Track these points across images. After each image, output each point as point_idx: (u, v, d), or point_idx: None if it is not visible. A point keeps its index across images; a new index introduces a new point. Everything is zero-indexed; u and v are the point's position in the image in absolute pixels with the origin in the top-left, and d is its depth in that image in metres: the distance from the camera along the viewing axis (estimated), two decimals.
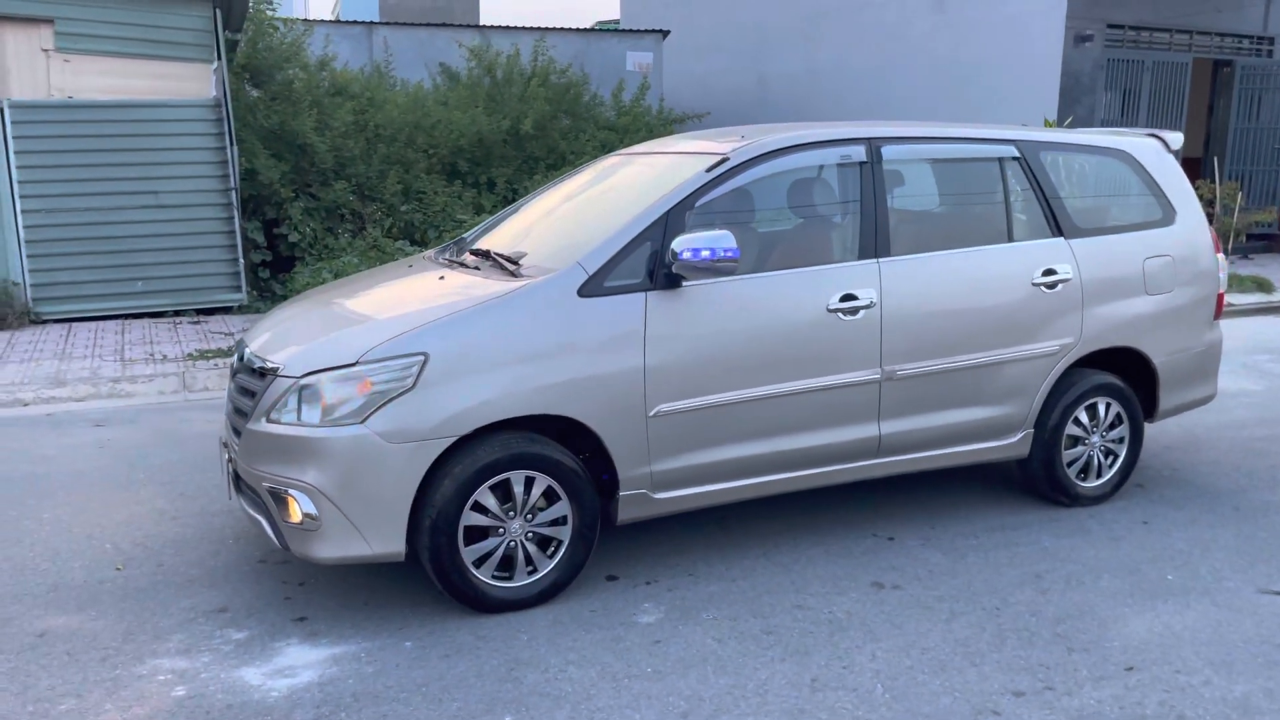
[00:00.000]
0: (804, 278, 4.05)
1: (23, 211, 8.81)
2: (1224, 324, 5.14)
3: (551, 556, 3.70)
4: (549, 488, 3.64)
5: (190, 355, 7.58)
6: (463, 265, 4.25)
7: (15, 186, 8.77)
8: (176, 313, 9.34)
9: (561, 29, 15.92)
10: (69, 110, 8.91)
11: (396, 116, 11.41)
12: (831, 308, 4.02)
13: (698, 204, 3.90)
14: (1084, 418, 4.63)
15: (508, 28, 15.61)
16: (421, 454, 3.43)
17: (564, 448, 3.69)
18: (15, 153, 8.75)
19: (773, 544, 4.27)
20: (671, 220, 3.81)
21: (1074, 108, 12.91)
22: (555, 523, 3.68)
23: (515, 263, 3.99)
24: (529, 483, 3.61)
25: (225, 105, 9.27)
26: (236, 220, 9.45)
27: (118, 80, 9.08)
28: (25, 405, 6.56)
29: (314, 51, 12.13)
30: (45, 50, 8.86)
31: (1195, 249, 4.85)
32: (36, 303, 8.92)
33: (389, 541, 3.46)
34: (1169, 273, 4.74)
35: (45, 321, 8.94)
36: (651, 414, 3.73)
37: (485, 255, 4.23)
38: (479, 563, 3.59)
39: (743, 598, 3.78)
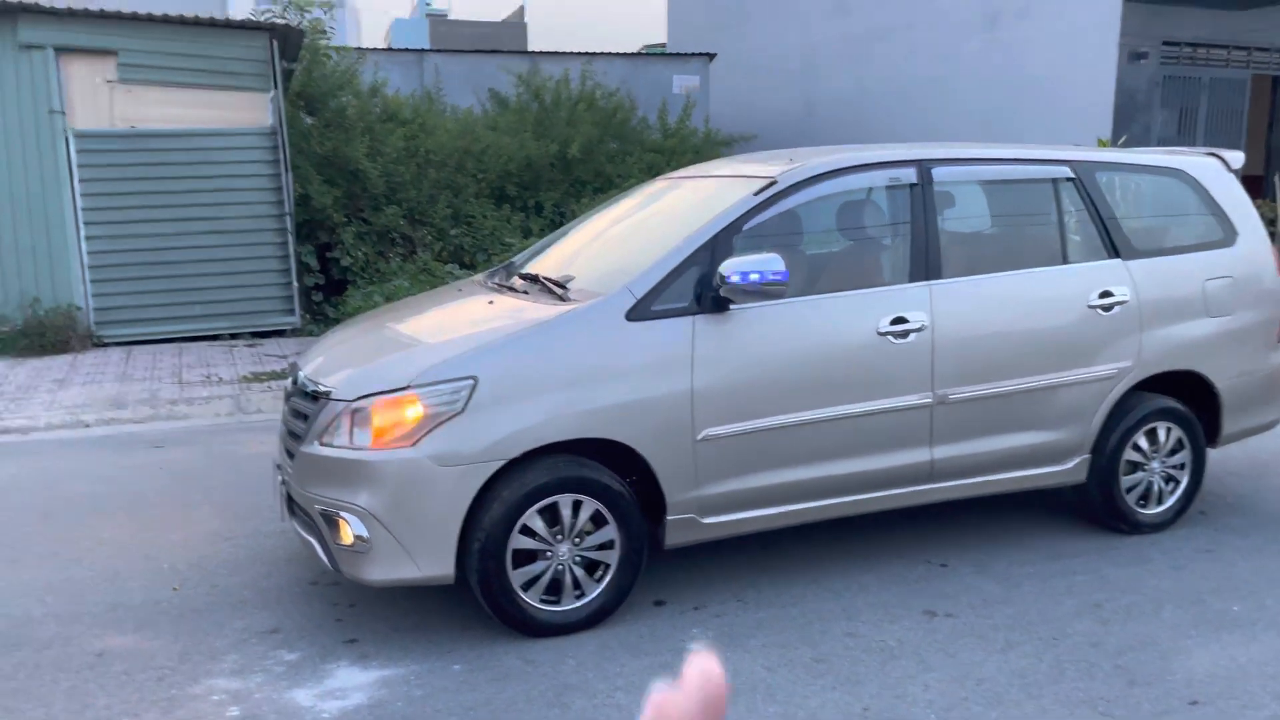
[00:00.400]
0: (854, 301, 4.01)
1: (86, 238, 9.06)
2: None
3: (599, 580, 3.69)
4: (596, 511, 3.63)
5: (245, 378, 7.72)
6: (511, 289, 4.28)
7: (80, 214, 9.04)
8: (232, 335, 9.52)
9: (608, 54, 16.06)
10: (131, 139, 9.16)
11: (446, 142, 11.58)
12: (882, 331, 3.98)
13: (746, 227, 3.89)
14: (1143, 443, 4.52)
15: (555, 53, 15.79)
16: (471, 477, 3.45)
17: (611, 471, 3.68)
18: (80, 180, 9.01)
19: (823, 570, 4.22)
20: (719, 244, 3.81)
21: (1129, 126, 12.70)
22: (603, 547, 3.67)
23: (563, 286, 4.01)
24: (576, 506, 3.61)
25: (281, 133, 9.47)
26: (291, 245, 9.63)
27: (178, 110, 9.32)
28: (87, 427, 6.72)
29: (366, 79, 12.36)
30: (109, 81, 9.14)
31: (1258, 269, 4.73)
32: (99, 326, 9.16)
33: (438, 564, 3.48)
34: (1231, 294, 4.63)
35: (106, 344, 9.17)
36: (699, 438, 3.71)
37: (534, 279, 4.26)
38: (527, 586, 3.59)
39: (792, 624, 3.74)
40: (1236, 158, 4.92)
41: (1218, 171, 4.83)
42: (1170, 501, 4.62)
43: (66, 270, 9.06)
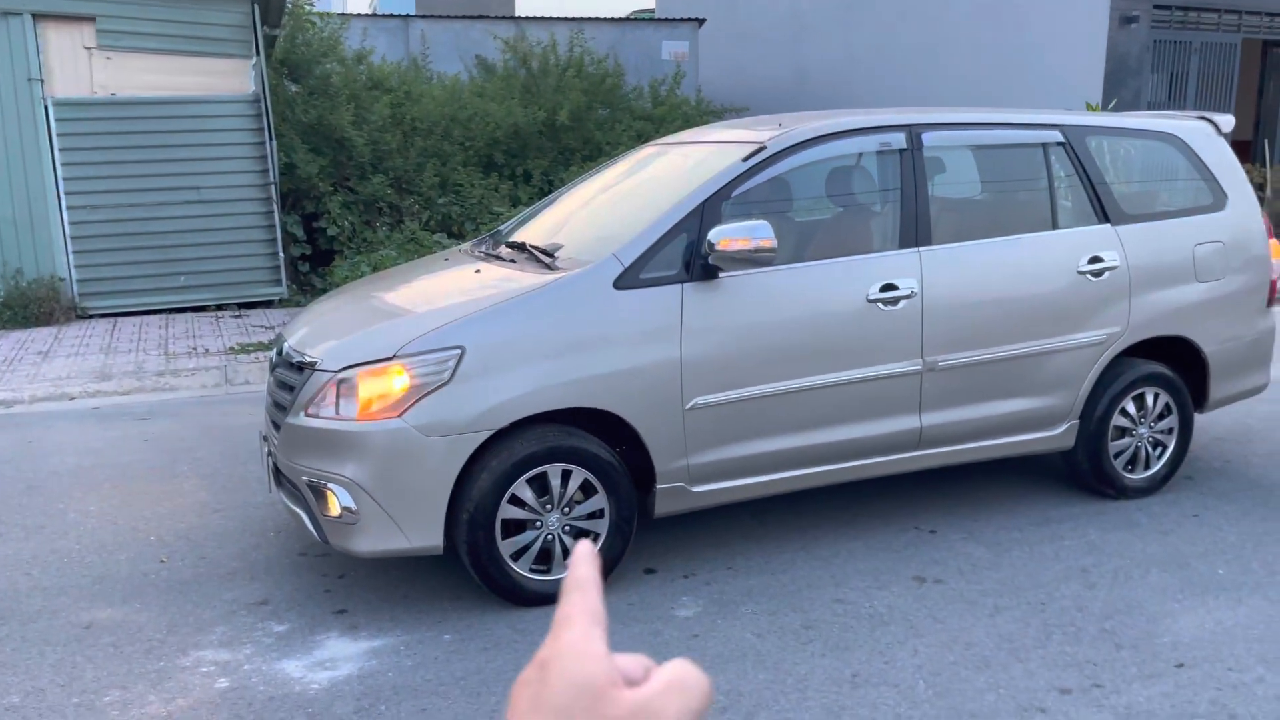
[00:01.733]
0: (843, 268, 3.99)
1: (68, 208, 8.95)
2: (1277, 311, 5.00)
3: None
4: (585, 481, 3.62)
5: (232, 349, 7.67)
6: (499, 258, 4.24)
7: (60, 183, 8.92)
8: (219, 307, 9.45)
9: (597, 19, 15.88)
10: (111, 107, 9.03)
11: (433, 109, 11.45)
12: (871, 298, 3.96)
13: (735, 194, 3.86)
14: (1131, 408, 4.53)
15: (543, 19, 15.60)
16: (459, 448, 3.43)
17: (600, 441, 3.67)
18: (60, 150, 8.89)
19: (812, 537, 4.22)
20: (708, 211, 3.77)
21: (1120, 90, 12.64)
22: (592, 516, 3.66)
23: (551, 255, 3.97)
24: (566, 476, 3.59)
25: (264, 100, 9.35)
26: (276, 214, 9.54)
27: (158, 77, 9.18)
28: (72, 399, 6.67)
29: (351, 45, 12.20)
30: (88, 48, 8.99)
31: (1248, 234, 4.72)
32: (82, 298, 9.07)
33: (427, 535, 3.47)
34: (1220, 259, 4.62)
35: (91, 316, 9.09)
36: (688, 406, 3.70)
37: (521, 248, 4.22)
38: (516, 556, 3.59)
39: (782, 592, 3.74)
40: (1227, 121, 4.89)
41: (1208, 135, 4.81)
42: (1157, 466, 4.64)
43: (49, 241, 8.95)
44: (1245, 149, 14.11)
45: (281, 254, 9.60)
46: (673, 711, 0.51)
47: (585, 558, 0.58)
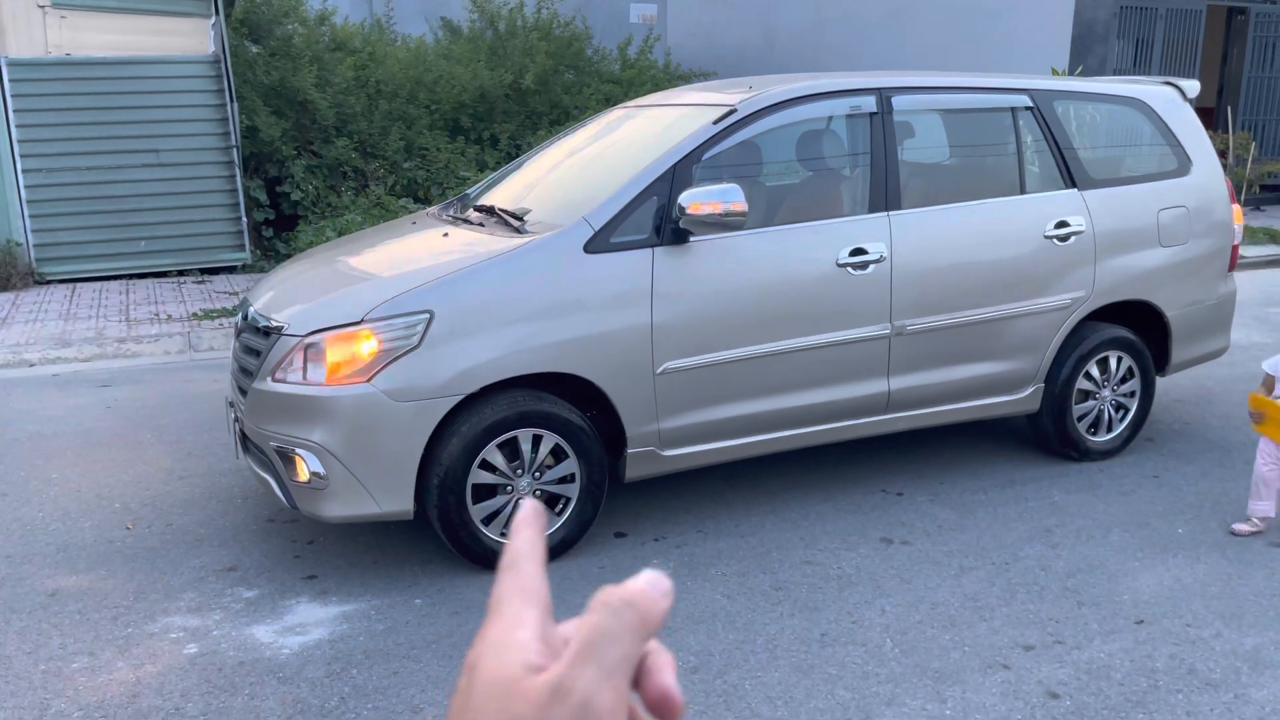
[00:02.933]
0: (813, 232, 3.99)
1: (24, 171, 8.73)
2: (1236, 276, 5.07)
3: (560, 514, 3.69)
4: (556, 445, 3.62)
5: (195, 315, 7.56)
6: (467, 222, 4.20)
7: (15, 146, 8.69)
8: (180, 272, 9.29)
9: None
10: (67, 67, 8.79)
11: (398, 72, 11.26)
12: (841, 262, 3.97)
13: (705, 157, 3.84)
14: (1095, 372, 4.59)
15: None
16: (428, 412, 3.41)
17: (571, 405, 3.66)
18: (14, 111, 8.65)
19: (781, 500, 4.26)
20: (678, 174, 3.75)
21: (1086, 57, 12.70)
22: (563, 480, 3.67)
23: (520, 219, 3.94)
24: (536, 441, 3.59)
25: (224, 61, 9.14)
26: (238, 178, 9.37)
27: (115, 36, 8.95)
28: (31, 366, 6.55)
29: (313, 6, 11.94)
30: (41, 6, 8.73)
31: (1211, 200, 4.78)
32: (40, 263, 8.88)
33: (397, 500, 3.46)
34: (1184, 224, 4.67)
35: (49, 282, 8.90)
36: (659, 371, 3.70)
37: (490, 211, 4.18)
38: (487, 520, 3.58)
39: (751, 554, 3.78)
40: (1193, 87, 4.93)
41: (1174, 101, 4.84)
42: (1119, 429, 4.71)
43: (4, 205, 8.74)
44: (1209, 115, 14.25)
45: (244, 219, 9.45)
46: (590, 681, 0.43)
47: (525, 523, 0.51)
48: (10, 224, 8.76)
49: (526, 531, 0.50)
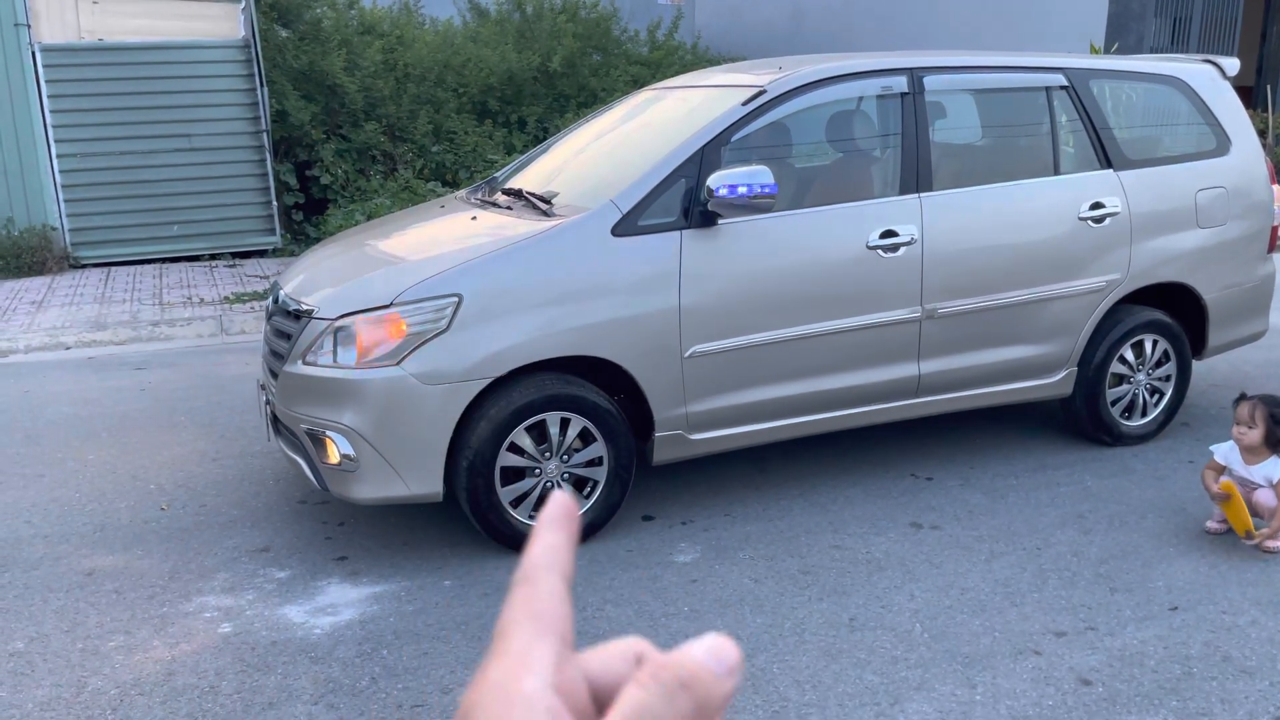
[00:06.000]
0: (843, 214, 3.96)
1: (58, 156, 8.83)
2: (1277, 258, 4.98)
3: (588, 497, 3.70)
4: (584, 429, 3.62)
5: (227, 298, 7.63)
6: (495, 205, 4.20)
7: (50, 131, 8.79)
8: (212, 256, 9.38)
9: None
10: (100, 53, 8.87)
11: (426, 55, 11.27)
12: (871, 245, 3.93)
13: (734, 139, 3.81)
14: (1129, 355, 4.52)
15: None
16: (457, 395, 3.42)
17: (599, 389, 3.66)
18: (49, 96, 8.75)
19: (810, 484, 4.24)
20: (707, 156, 3.73)
21: (1123, 35, 12.47)
22: (591, 463, 3.67)
23: (548, 202, 3.93)
24: (564, 424, 3.59)
25: (254, 45, 9.19)
26: (269, 162, 9.43)
27: (146, 21, 9.02)
28: (67, 349, 6.64)
29: None
30: None
31: (1250, 180, 4.68)
32: (75, 247, 9.00)
33: (426, 482, 3.48)
34: (1222, 205, 4.59)
35: (84, 266, 9.02)
36: (687, 355, 3.69)
37: (518, 194, 4.17)
38: (515, 503, 3.60)
39: (780, 538, 3.77)
40: (1232, 65, 4.82)
41: (1213, 79, 4.75)
42: (1155, 413, 4.65)
43: (39, 190, 8.85)
44: (1248, 94, 13.96)
45: (275, 203, 9.51)
46: None
47: (548, 524, 0.43)
48: (46, 208, 8.88)
49: (549, 536, 0.42)
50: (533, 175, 4.50)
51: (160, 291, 7.98)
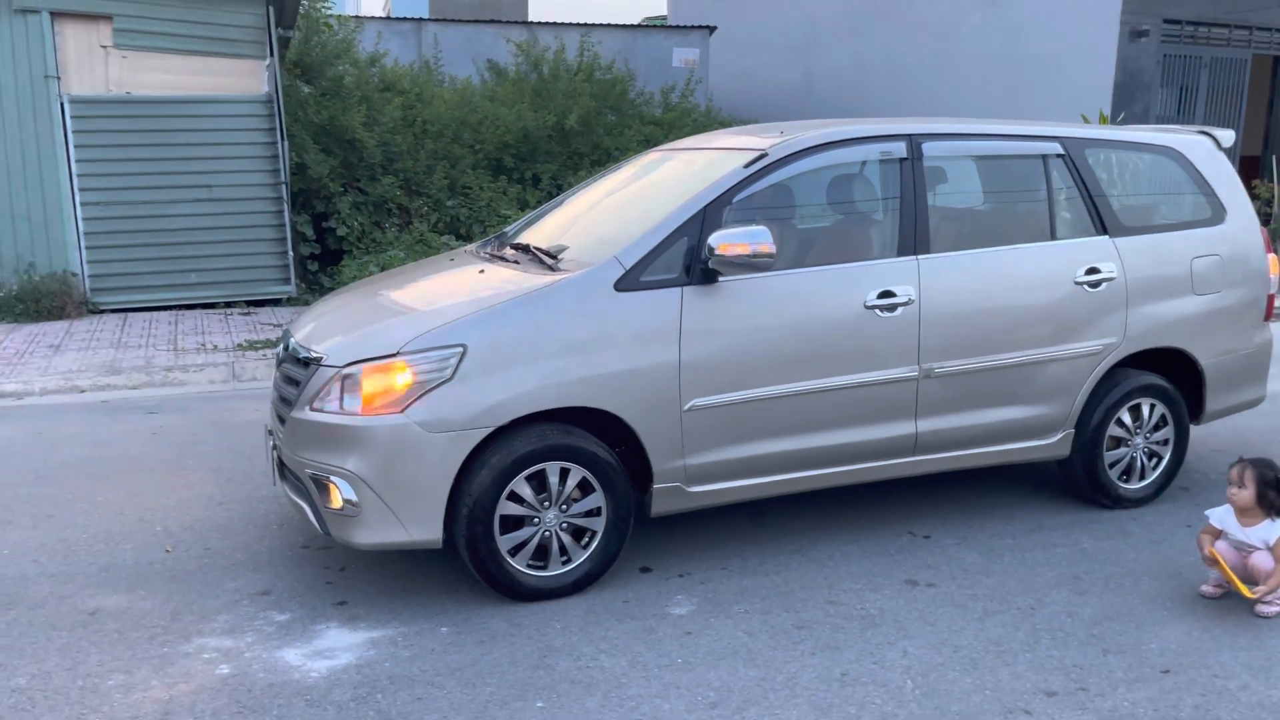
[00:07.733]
0: (842, 274, 4.04)
1: (82, 204, 9.06)
2: (1275, 326, 5.03)
3: (585, 547, 3.74)
4: (584, 479, 3.68)
5: (240, 345, 7.76)
6: (503, 259, 4.31)
7: (75, 180, 9.03)
8: (228, 304, 9.54)
9: (608, 25, 15.97)
10: (126, 105, 9.14)
11: (444, 112, 11.54)
12: (869, 304, 4.01)
13: (736, 199, 3.92)
14: (1127, 419, 4.57)
15: (555, 24, 15.70)
16: (459, 444, 3.49)
17: (599, 440, 3.72)
18: (75, 147, 9.00)
19: (807, 540, 4.27)
20: (709, 215, 3.83)
21: (1130, 104, 12.67)
22: (589, 514, 3.72)
23: (554, 256, 4.04)
24: (564, 474, 3.65)
25: (277, 101, 9.45)
26: (286, 214, 9.63)
27: (173, 76, 9.30)
28: (82, 392, 6.76)
29: (365, 48, 12.31)
30: (104, 46, 9.10)
31: (1246, 249, 4.76)
32: (94, 293, 9.18)
33: (426, 529, 3.53)
34: (1218, 272, 4.66)
35: (102, 311, 9.19)
36: (686, 408, 3.75)
37: (525, 249, 4.28)
38: (514, 551, 3.64)
39: (775, 592, 3.79)
40: (1227, 136, 4.93)
41: (1208, 150, 4.85)
42: (1152, 477, 4.68)
43: (62, 236, 9.06)
44: (1254, 165, 14.12)
45: (291, 253, 9.70)
46: None
47: None
48: (67, 255, 9.08)
49: None
50: (542, 230, 4.61)
51: (175, 338, 8.11)
